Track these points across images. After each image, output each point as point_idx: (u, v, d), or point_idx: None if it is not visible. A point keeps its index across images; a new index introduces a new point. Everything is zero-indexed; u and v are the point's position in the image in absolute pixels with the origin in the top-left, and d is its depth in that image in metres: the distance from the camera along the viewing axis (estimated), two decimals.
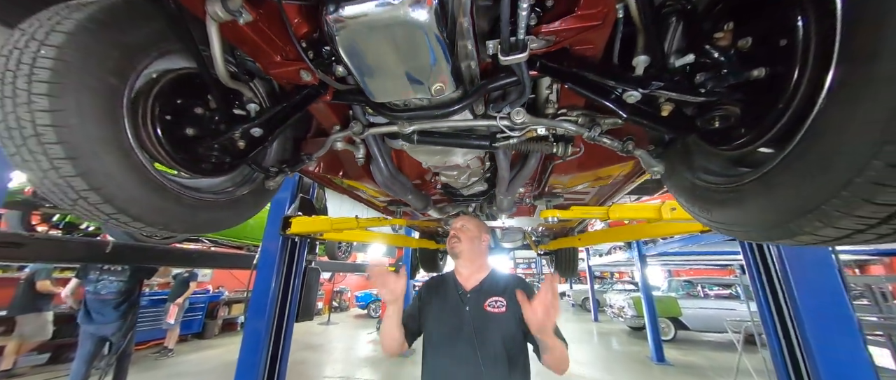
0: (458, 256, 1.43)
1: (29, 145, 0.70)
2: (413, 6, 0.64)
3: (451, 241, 1.46)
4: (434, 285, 1.49)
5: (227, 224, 1.17)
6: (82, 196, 0.78)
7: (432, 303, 1.40)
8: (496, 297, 1.31)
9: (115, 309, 3.31)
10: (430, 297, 1.43)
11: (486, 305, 1.30)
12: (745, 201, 0.66)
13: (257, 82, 1.17)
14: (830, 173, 0.49)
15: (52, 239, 2.67)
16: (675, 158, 0.94)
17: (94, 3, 0.78)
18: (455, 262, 1.47)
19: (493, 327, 1.25)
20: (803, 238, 0.58)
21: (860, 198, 0.47)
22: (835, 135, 0.48)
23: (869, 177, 0.45)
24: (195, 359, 6.03)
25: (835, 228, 0.53)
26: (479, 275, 1.41)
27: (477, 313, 1.29)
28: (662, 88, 0.72)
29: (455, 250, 1.44)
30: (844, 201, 0.48)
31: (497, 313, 1.28)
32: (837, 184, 0.48)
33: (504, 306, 1.29)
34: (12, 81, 0.69)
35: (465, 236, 1.44)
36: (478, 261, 1.44)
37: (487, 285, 1.37)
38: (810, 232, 0.55)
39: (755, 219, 0.65)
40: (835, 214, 0.50)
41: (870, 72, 0.43)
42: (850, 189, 0.47)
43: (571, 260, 3.83)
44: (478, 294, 1.34)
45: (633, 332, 9.61)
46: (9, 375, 4.54)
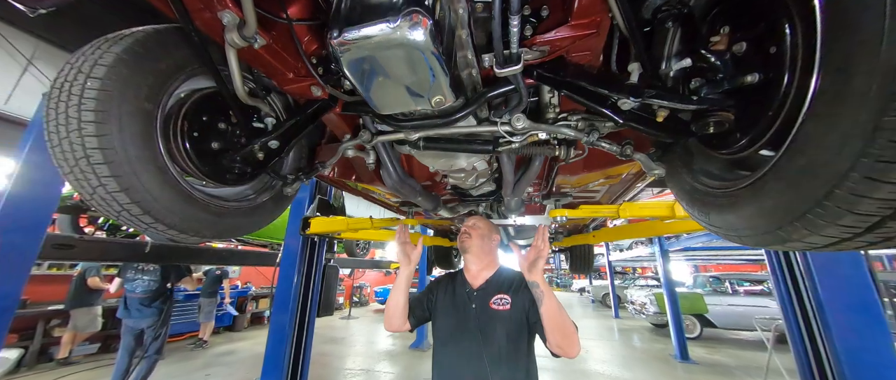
0: (468, 251, 1.46)
1: (80, 166, 0.80)
2: (410, 28, 0.68)
3: (461, 237, 1.50)
4: (444, 282, 1.53)
5: (250, 229, 1.27)
6: (125, 208, 0.88)
7: (442, 299, 1.44)
8: (501, 294, 1.34)
9: (149, 306, 3.61)
10: (440, 292, 1.47)
11: (491, 302, 1.33)
12: (739, 206, 0.67)
13: (275, 97, 1.26)
14: (813, 182, 0.50)
15: (98, 240, 2.92)
16: (676, 160, 0.95)
17: (129, 35, 0.88)
18: (464, 257, 1.50)
19: (498, 324, 1.28)
20: (793, 245, 0.59)
21: (842, 208, 0.47)
22: (816, 145, 0.49)
23: (848, 188, 0.45)
24: (227, 350, 6.42)
25: (821, 236, 0.53)
26: (486, 273, 1.44)
27: (482, 311, 1.32)
28: (655, 97, 0.73)
29: (465, 245, 1.47)
30: (827, 211, 0.49)
31: (502, 311, 1.30)
32: (819, 193, 0.49)
33: (509, 303, 1.31)
34: (65, 110, 0.79)
35: (476, 233, 1.48)
36: (486, 259, 1.47)
37: (494, 283, 1.40)
38: (798, 239, 0.56)
39: (748, 224, 0.65)
40: (819, 222, 0.51)
41: (846, 86, 0.44)
42: (832, 199, 0.48)
43: (586, 256, 3.78)
44: (484, 292, 1.37)
45: (655, 329, 9.36)
46: (66, 362, 5.02)
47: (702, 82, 0.72)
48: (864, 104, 0.41)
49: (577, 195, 1.88)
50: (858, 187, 0.44)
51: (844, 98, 0.44)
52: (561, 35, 0.79)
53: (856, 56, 0.42)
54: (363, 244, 6.24)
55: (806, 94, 0.51)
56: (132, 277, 3.61)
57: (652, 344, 7.90)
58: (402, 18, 0.66)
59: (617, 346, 7.73)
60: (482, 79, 0.97)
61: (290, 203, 1.44)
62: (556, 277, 26.42)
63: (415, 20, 0.67)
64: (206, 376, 5.00)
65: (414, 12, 0.67)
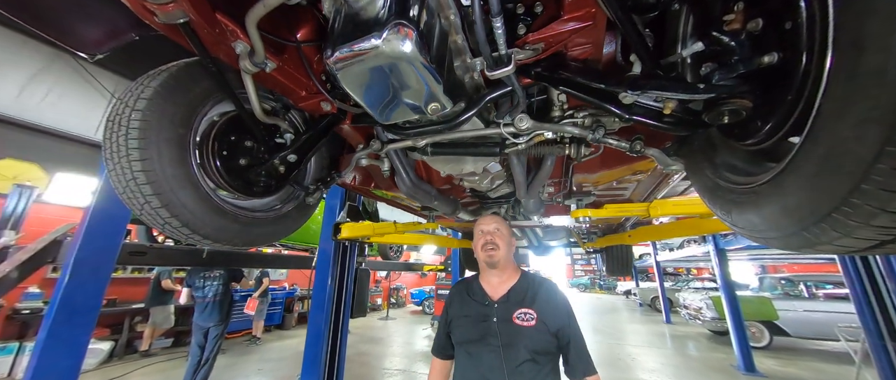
0: (497, 266, 1.28)
1: (130, 186, 0.93)
2: (396, 41, 0.70)
3: (486, 248, 1.28)
4: (460, 295, 1.38)
5: (277, 236, 1.38)
6: (167, 222, 1.00)
7: (460, 313, 1.31)
8: (525, 309, 1.21)
9: (214, 307, 4.06)
10: (457, 307, 1.33)
11: (514, 317, 1.20)
12: (761, 204, 0.60)
13: (294, 114, 1.36)
14: (835, 177, 0.44)
15: (167, 248, 3.32)
16: (698, 154, 0.86)
17: (165, 70, 1.00)
18: (487, 270, 1.32)
19: (522, 341, 1.16)
20: (825, 247, 0.51)
21: (872, 206, 0.41)
22: (833, 133, 0.43)
23: (877, 182, 0.39)
24: (277, 347, 6.94)
25: (854, 239, 0.46)
26: (507, 283, 1.29)
27: (505, 326, 1.20)
28: (658, 88, 0.67)
29: (494, 259, 1.27)
30: (856, 210, 0.42)
31: (526, 327, 1.18)
32: (844, 189, 0.43)
33: (534, 318, 1.19)
34: (116, 139, 0.92)
35: (502, 241, 1.29)
36: (509, 267, 1.32)
37: (516, 294, 1.26)
38: (827, 242, 0.49)
39: (772, 224, 0.58)
40: (849, 223, 0.44)
41: (860, 63, 0.38)
42: (860, 196, 0.41)
43: (624, 258, 3.51)
44: (506, 305, 1.24)
45: (714, 336, 8.48)
46: (147, 354, 5.76)
47: (713, 67, 0.65)
48: (881, 84, 0.35)
49: (601, 194, 1.78)
50: (888, 181, 0.38)
51: (859, 77, 0.38)
52: (554, 31, 0.77)
53: (868, 28, 0.36)
54: (396, 248, 6.41)
55: (822, 74, 0.45)
56: (201, 285, 4.08)
57: (710, 353, 7.16)
58: (387, 32, 0.69)
59: (669, 354, 7.11)
60: (485, 82, 0.97)
61: (313, 212, 1.53)
62: (598, 278, 25.02)
63: (400, 32, 0.69)
64: (258, 370, 5.45)
65: (398, 25, 0.69)
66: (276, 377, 5.11)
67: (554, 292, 1.28)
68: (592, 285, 25.80)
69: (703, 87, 0.63)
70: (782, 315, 6.98)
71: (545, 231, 3.22)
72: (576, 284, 27.42)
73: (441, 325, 1.38)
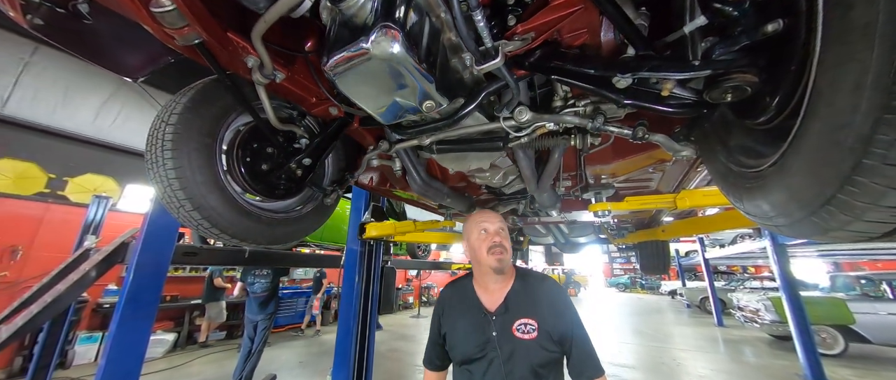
0: (504, 270, 1.15)
1: (167, 192, 1.05)
2: (384, 43, 0.72)
3: (494, 251, 1.14)
4: (452, 301, 1.26)
5: (298, 236, 1.48)
6: (199, 223, 1.12)
7: (456, 324, 1.20)
8: (526, 319, 1.10)
9: (263, 302, 4.41)
10: (452, 316, 1.22)
11: (514, 328, 1.10)
12: (768, 189, 0.55)
13: (310, 120, 1.44)
14: (835, 154, 0.39)
15: (215, 249, 3.66)
16: (711, 137, 0.80)
17: (193, 87, 1.12)
18: (490, 276, 1.17)
19: (523, 354, 1.08)
20: (836, 234, 0.46)
21: (879, 185, 0.36)
22: (829, 105, 0.39)
23: (879, 156, 0.35)
24: (318, 341, 7.39)
25: (867, 222, 0.41)
26: (505, 288, 1.17)
27: (505, 339, 1.10)
28: (652, 69, 0.64)
29: (503, 266, 1.14)
30: (862, 189, 0.38)
31: (527, 341, 1.08)
32: (845, 167, 0.38)
33: (535, 329, 1.09)
34: (155, 150, 1.04)
35: (507, 242, 1.18)
36: (509, 271, 1.21)
37: (514, 302, 1.15)
38: (838, 227, 0.44)
39: (780, 210, 0.53)
40: (857, 205, 0.40)
41: (847, 22, 0.34)
42: (863, 173, 0.37)
43: (659, 254, 3.27)
44: (505, 317, 1.13)
45: (776, 342, 7.66)
46: (204, 345, 6.39)
47: (714, 42, 0.61)
48: (870, 43, 0.32)
49: (622, 186, 1.69)
50: (891, 154, 0.34)
51: (849, 38, 0.34)
52: (543, 18, 0.75)
53: None
54: (424, 247, 6.52)
55: (815, 38, 0.41)
56: (252, 281, 4.46)
57: (771, 360, 6.48)
58: (375, 34, 0.71)
59: (722, 360, 6.51)
60: (485, 76, 0.97)
61: (331, 212, 1.62)
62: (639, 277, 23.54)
63: (387, 34, 0.71)
64: (300, 363, 5.81)
65: (385, 27, 0.71)
66: (316, 370, 5.42)
67: (555, 293, 1.17)
68: (633, 285, 24.36)
69: (698, 64, 0.59)
70: (860, 319, 6.13)
71: (571, 227, 3.11)
72: (614, 283, 26.04)
73: (433, 335, 1.27)
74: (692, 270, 16.78)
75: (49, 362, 3.55)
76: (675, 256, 15.31)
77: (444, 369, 1.28)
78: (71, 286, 2.55)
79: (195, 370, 5.38)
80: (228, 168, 1.23)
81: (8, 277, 5.07)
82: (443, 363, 1.26)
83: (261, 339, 4.33)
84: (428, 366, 1.30)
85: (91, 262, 2.70)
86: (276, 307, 4.59)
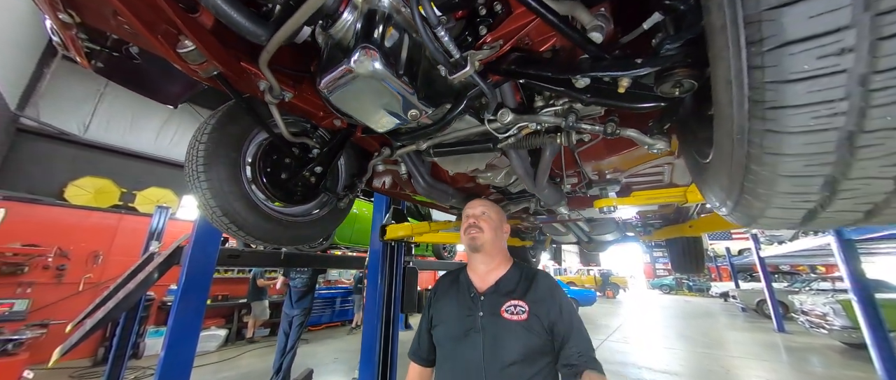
0: (480, 250, 1.19)
1: (201, 200, 1.23)
2: (364, 62, 0.81)
3: (469, 231, 1.21)
4: (444, 287, 1.27)
5: (315, 238, 1.62)
6: (230, 228, 1.28)
7: (443, 308, 1.20)
8: (516, 301, 1.08)
9: (301, 296, 4.77)
10: (441, 301, 1.23)
11: (502, 310, 1.07)
12: (711, 178, 0.56)
13: (322, 132, 1.58)
14: (729, 145, 0.41)
15: (255, 251, 4.01)
16: (686, 131, 0.80)
17: (220, 109, 1.29)
18: (473, 257, 1.23)
19: (510, 337, 1.03)
20: (763, 221, 0.47)
21: (767, 172, 0.38)
22: (718, 98, 0.41)
23: (757, 146, 0.37)
24: (350, 339, 7.75)
25: (778, 208, 0.42)
26: (496, 273, 1.19)
27: (491, 321, 1.07)
28: (604, 69, 0.67)
29: (476, 243, 1.19)
30: (757, 177, 0.40)
31: (516, 321, 1.05)
32: (741, 157, 0.40)
33: (525, 311, 1.06)
34: (191, 164, 1.22)
35: (488, 225, 1.21)
36: (498, 256, 1.22)
37: (505, 285, 1.15)
38: (759, 214, 0.45)
39: (720, 197, 0.54)
40: (760, 192, 0.41)
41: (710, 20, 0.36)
42: (753, 162, 0.39)
43: (692, 251, 3.04)
44: (493, 297, 1.12)
45: (849, 350, 6.79)
46: (251, 341, 6.96)
47: (662, 38, 0.63)
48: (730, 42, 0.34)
49: (631, 180, 1.65)
50: (765, 142, 0.35)
51: (715, 38, 0.37)
52: (507, 28, 0.81)
53: None
54: (449, 248, 6.61)
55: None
56: (294, 276, 4.87)
57: (841, 370, 5.77)
58: (356, 55, 0.81)
59: (784, 369, 5.89)
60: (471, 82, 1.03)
61: (345, 215, 1.75)
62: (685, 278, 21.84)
63: (367, 54, 0.80)
64: (335, 359, 6.14)
65: (364, 48, 0.80)
66: (349, 366, 5.70)
67: (549, 283, 1.16)
68: (679, 287, 22.66)
69: (640, 62, 0.61)
70: None
71: (592, 225, 3.03)
72: (657, 285, 24.40)
73: (422, 323, 1.26)
74: (748, 271, 15.30)
75: (124, 353, 4.09)
76: (726, 255, 14.08)
77: (429, 363, 1.22)
78: (138, 285, 2.95)
79: (244, 363, 5.88)
80: (253, 178, 1.40)
81: (92, 279, 5.90)
82: (429, 356, 1.22)
83: (296, 334, 4.65)
84: (413, 358, 1.25)
85: (153, 264, 3.10)
86: (311, 303, 4.91)
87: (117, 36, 1.00)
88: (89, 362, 5.54)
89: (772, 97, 0.30)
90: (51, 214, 5.76)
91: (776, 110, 0.31)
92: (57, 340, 2.64)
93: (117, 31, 0.91)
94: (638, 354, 6.76)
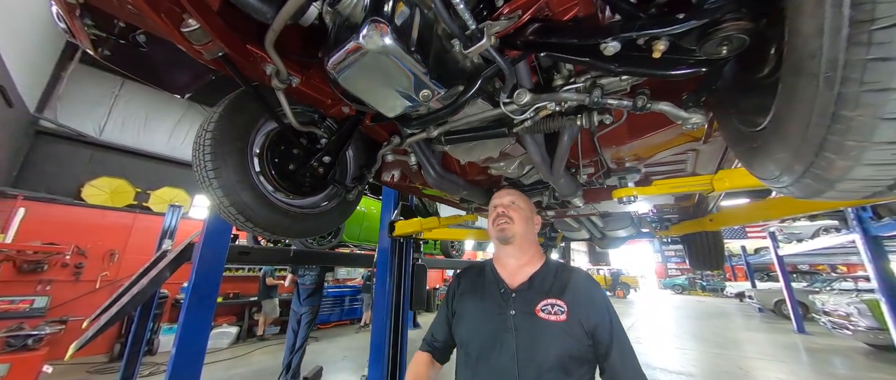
0: (510, 242, 1.09)
1: (209, 191, 1.20)
2: (374, 37, 0.76)
3: (498, 221, 1.12)
4: (469, 281, 1.16)
5: (323, 230, 1.59)
6: (236, 218, 1.26)
7: (468, 304, 1.10)
8: (553, 299, 0.97)
9: (310, 294, 4.76)
10: (466, 296, 1.13)
11: (538, 309, 0.96)
12: (769, 146, 0.50)
13: (330, 121, 1.55)
14: (814, 90, 0.35)
15: (265, 248, 4.03)
16: (725, 101, 0.73)
17: (227, 98, 1.27)
18: (502, 250, 1.13)
19: (548, 340, 0.92)
20: (843, 187, 0.40)
21: (865, 115, 0.32)
22: (798, 33, 0.35)
23: (857, 82, 0.31)
24: (359, 336, 7.75)
25: (868, 166, 0.36)
26: (529, 268, 1.08)
27: (525, 320, 0.96)
28: (639, 29, 0.61)
29: (506, 234, 1.09)
30: (850, 125, 0.34)
31: (554, 322, 0.94)
32: (828, 102, 0.34)
33: (564, 311, 0.94)
34: (198, 155, 1.20)
35: (519, 216, 1.12)
36: (531, 249, 1.12)
37: (540, 281, 1.03)
38: (840, 177, 0.39)
39: (781, 166, 0.48)
40: (848, 144, 0.35)
41: None
42: (845, 106, 0.33)
43: (711, 248, 2.92)
44: (527, 293, 1.01)
45: (876, 352, 6.51)
46: (261, 339, 7.03)
47: None
48: None
49: (652, 169, 1.57)
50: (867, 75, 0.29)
51: None
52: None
53: None
54: (457, 245, 6.56)
55: None
56: (303, 273, 4.87)
57: (867, 373, 5.52)
58: (365, 30, 0.76)
59: (805, 371, 5.67)
60: (485, 61, 0.98)
61: (354, 208, 1.72)
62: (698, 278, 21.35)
63: (377, 29, 0.76)
64: (343, 357, 6.14)
65: (373, 22, 0.76)
66: (357, 364, 5.70)
67: (589, 283, 1.04)
68: (692, 286, 22.18)
69: (682, 17, 0.55)
70: None
71: (605, 220, 2.93)
72: (669, 284, 23.92)
73: (441, 316, 1.17)
74: (764, 270, 14.84)
75: (139, 349, 4.15)
76: (742, 254, 13.68)
77: (441, 351, 1.14)
78: (150, 281, 2.97)
79: (256, 360, 5.93)
80: (260, 169, 1.37)
81: (108, 277, 6.03)
82: (443, 346, 1.14)
83: (305, 332, 4.66)
84: (425, 347, 1.16)
85: (165, 261, 3.13)
86: (320, 301, 4.92)
87: (121, 19, 0.98)
88: (105, 358, 5.66)
89: (888, 11, 0.24)
90: (68, 213, 5.90)
91: (890, 30, 0.25)
92: (75, 336, 2.68)
93: (120, 12, 0.88)
94: (651, 354, 6.61)
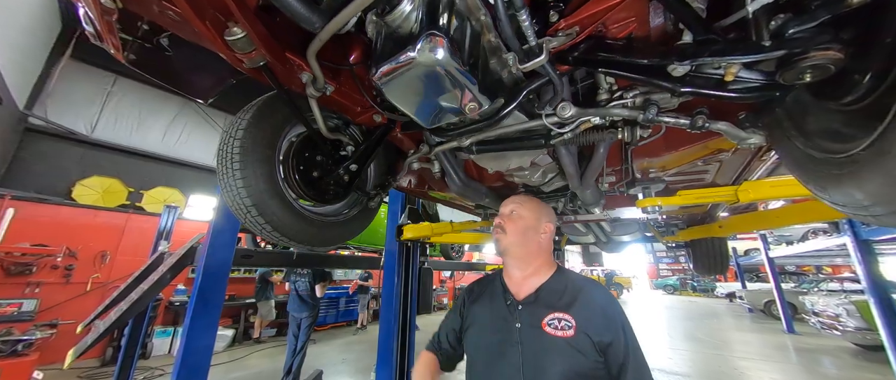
0: (505, 253, 1.08)
1: (236, 200, 1.17)
2: (430, 50, 0.75)
3: (494, 232, 1.10)
4: (479, 290, 1.15)
5: (345, 238, 1.56)
6: (262, 226, 1.22)
7: (476, 315, 1.08)
8: (560, 314, 0.93)
9: (303, 301, 4.70)
10: (476, 305, 1.10)
11: (544, 323, 0.93)
12: (862, 175, 0.50)
13: (354, 128, 1.52)
14: None
15: (267, 251, 3.96)
16: (785, 122, 0.73)
17: (255, 103, 1.23)
18: (504, 260, 1.11)
19: (553, 355, 0.89)
20: None
21: None
22: None
23: None
24: (356, 339, 7.70)
25: None
26: (536, 279, 1.04)
27: (531, 334, 0.94)
28: (713, 55, 0.60)
29: (499, 246, 1.08)
30: None
31: (560, 337, 0.90)
32: None
33: (571, 327, 0.91)
34: (225, 163, 1.16)
35: (513, 226, 1.07)
36: (535, 260, 1.07)
37: (547, 294, 1.00)
38: None
39: (878, 198, 0.48)
40: None
41: None
42: None
43: (716, 253, 2.97)
44: (534, 306, 0.98)
45: (863, 352, 6.71)
46: (257, 341, 6.91)
47: (786, 19, 0.56)
48: None
49: (673, 179, 1.58)
50: None
51: None
52: (587, 11, 0.74)
53: None
54: (457, 248, 6.54)
55: None
56: (295, 279, 4.80)
57: (856, 372, 5.69)
58: (421, 43, 0.74)
59: (795, 371, 5.82)
60: (525, 74, 0.97)
61: (375, 214, 1.69)
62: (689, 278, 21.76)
63: (433, 42, 0.74)
64: (343, 360, 6.08)
65: (430, 35, 0.74)
66: (357, 368, 5.64)
67: (605, 297, 0.99)
68: (683, 287, 22.59)
69: (769, 45, 0.54)
70: None
71: (614, 225, 2.96)
72: (661, 285, 24.34)
73: (450, 320, 1.15)
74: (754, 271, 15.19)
75: (134, 353, 4.04)
76: (733, 255, 14.00)
77: (447, 358, 1.12)
78: (152, 286, 2.89)
79: (253, 363, 5.84)
80: (285, 176, 1.34)
81: (99, 279, 5.86)
82: (450, 353, 1.12)
83: (305, 336, 4.60)
84: (430, 347, 1.15)
85: (166, 265, 3.05)
86: (317, 306, 4.86)
87: (155, 23, 0.94)
88: (98, 363, 5.50)
89: None
90: (59, 213, 5.72)
91: None
92: (66, 340, 2.59)
93: (159, 18, 0.85)
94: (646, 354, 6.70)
